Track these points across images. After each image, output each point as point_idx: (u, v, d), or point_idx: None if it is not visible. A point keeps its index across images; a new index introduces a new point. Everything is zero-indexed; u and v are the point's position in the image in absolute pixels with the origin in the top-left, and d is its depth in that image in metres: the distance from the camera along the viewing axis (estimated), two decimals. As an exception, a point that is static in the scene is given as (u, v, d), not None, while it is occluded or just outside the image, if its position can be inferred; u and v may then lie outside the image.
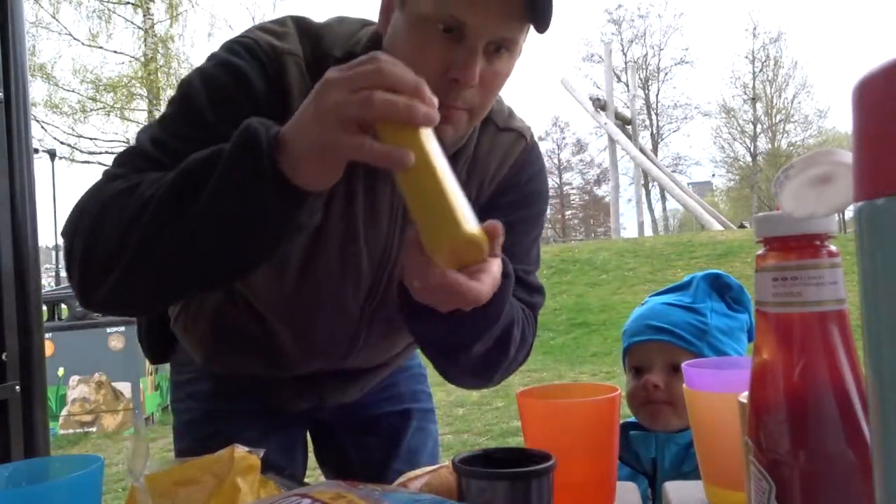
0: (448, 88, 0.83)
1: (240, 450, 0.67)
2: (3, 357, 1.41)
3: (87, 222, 0.80)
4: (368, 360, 1.11)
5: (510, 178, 1.04)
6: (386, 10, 0.89)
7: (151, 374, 6.60)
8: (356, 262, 0.96)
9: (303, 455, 1.24)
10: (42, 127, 18.04)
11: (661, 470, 1.10)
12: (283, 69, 0.87)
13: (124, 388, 6.50)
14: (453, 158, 1.00)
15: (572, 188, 37.87)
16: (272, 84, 0.87)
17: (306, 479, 1.06)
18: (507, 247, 0.94)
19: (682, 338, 1.18)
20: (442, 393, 6.46)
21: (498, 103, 1.03)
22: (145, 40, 19.17)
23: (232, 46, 0.90)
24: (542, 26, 0.84)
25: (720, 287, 1.24)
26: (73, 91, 18.76)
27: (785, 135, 31.31)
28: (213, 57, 0.91)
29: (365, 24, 0.97)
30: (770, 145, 31.25)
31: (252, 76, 0.86)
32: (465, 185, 1.01)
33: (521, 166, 1.05)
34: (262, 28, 0.92)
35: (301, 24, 0.93)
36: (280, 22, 0.93)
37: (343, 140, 0.67)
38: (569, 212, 38.65)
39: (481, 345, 0.89)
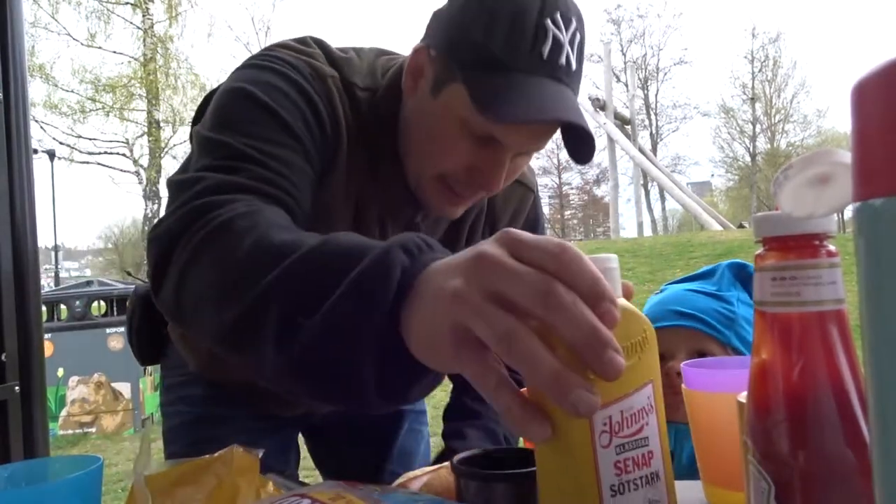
0: (469, 184, 0.84)
1: (239, 450, 0.67)
2: (3, 357, 1.41)
3: (204, 234, 0.65)
4: None
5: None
6: (415, 74, 0.84)
7: (151, 375, 6.59)
8: None
9: (295, 458, 1.24)
10: (41, 127, 18.07)
11: (678, 465, 1.05)
12: (329, 90, 0.83)
13: (124, 388, 6.49)
14: (476, 209, 1.02)
15: (571, 188, 37.88)
16: (324, 104, 0.82)
17: (307, 480, 1.06)
18: None
19: (710, 325, 1.11)
20: (441, 393, 6.46)
21: None
22: (144, 40, 19.18)
23: (267, 63, 0.82)
24: (579, 160, 0.82)
25: (745, 277, 1.19)
26: (72, 91, 18.79)
27: (784, 135, 31.34)
28: (252, 68, 0.83)
29: (381, 53, 0.95)
30: (769, 145, 31.27)
31: (310, 92, 0.81)
32: (479, 231, 1.04)
33: (532, 223, 1.08)
34: (284, 45, 0.86)
35: (324, 48, 0.89)
36: (304, 42, 0.88)
37: (467, 366, 0.44)
38: (568, 212, 38.64)
39: None
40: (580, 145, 0.81)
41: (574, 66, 0.79)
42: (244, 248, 0.60)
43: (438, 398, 1.18)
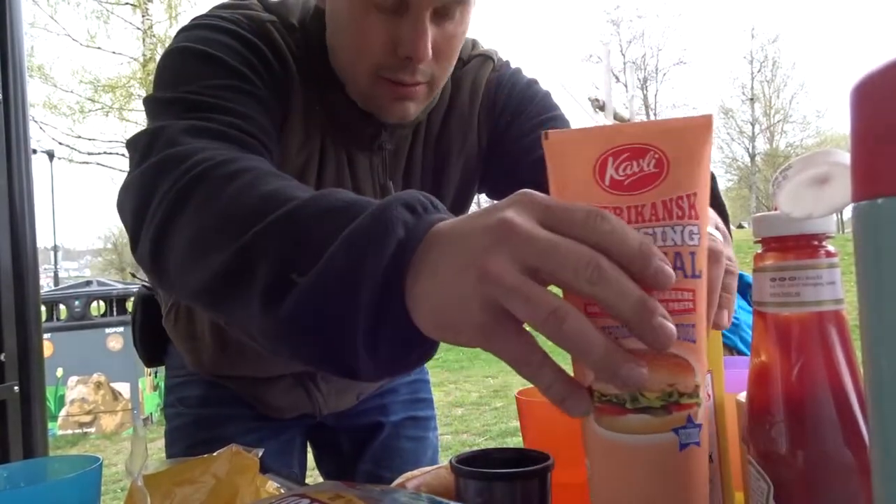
0: (401, 66, 0.78)
1: (238, 449, 0.67)
2: (2, 357, 1.41)
3: (185, 181, 0.60)
4: None
5: (489, 105, 0.96)
6: None
7: (150, 375, 6.59)
8: None
9: (301, 458, 1.22)
10: (40, 127, 18.03)
11: None
12: (271, 35, 0.82)
13: (123, 388, 6.49)
14: (428, 119, 0.95)
15: (571, 188, 37.82)
16: (269, 49, 0.81)
17: (307, 480, 1.06)
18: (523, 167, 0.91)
19: None
20: (440, 393, 6.46)
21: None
22: (144, 41, 19.16)
23: (208, 22, 0.82)
24: None
25: (743, 286, 1.20)
26: (71, 92, 18.76)
27: (783, 135, 31.34)
28: (195, 28, 0.81)
29: None
30: (768, 146, 31.28)
31: (253, 40, 0.80)
32: (451, 140, 0.95)
33: (495, 84, 0.96)
34: (224, 6, 0.86)
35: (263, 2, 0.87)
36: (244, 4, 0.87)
37: (504, 347, 0.41)
38: (567, 212, 38.57)
39: None
40: None
41: None
42: (228, 197, 0.56)
43: (437, 399, 1.17)
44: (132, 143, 0.70)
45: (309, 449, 1.28)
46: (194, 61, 0.77)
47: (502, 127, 0.95)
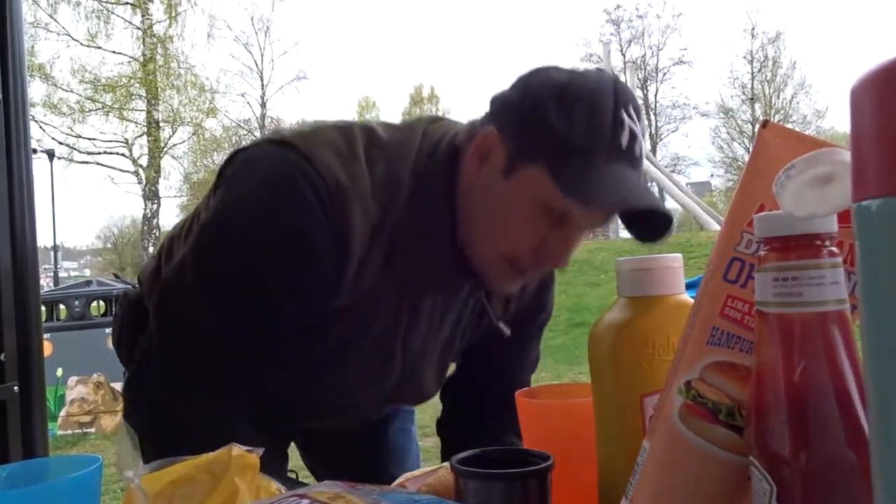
0: (534, 265, 0.86)
1: (238, 449, 0.66)
2: (2, 357, 1.41)
3: (164, 429, 0.84)
4: None
5: (530, 297, 1.08)
6: (482, 155, 0.85)
7: (150, 375, 6.58)
8: (389, 363, 0.96)
9: (284, 457, 1.24)
10: (41, 127, 18.06)
11: None
12: (349, 214, 0.83)
13: (123, 388, 6.48)
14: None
15: (571, 188, 37.85)
16: (336, 228, 0.83)
17: (306, 480, 1.06)
18: (499, 359, 1.10)
19: None
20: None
21: None
22: (144, 40, 19.16)
23: (287, 171, 0.82)
24: (656, 240, 0.85)
25: None
26: (71, 91, 18.78)
27: (783, 135, 31.23)
28: (261, 182, 0.84)
29: (431, 122, 0.94)
30: (769, 145, 31.16)
31: (315, 231, 0.82)
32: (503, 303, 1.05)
33: (540, 284, 1.09)
34: (327, 145, 0.85)
35: (370, 144, 0.88)
36: (350, 141, 0.87)
37: None
38: (568, 212, 38.62)
39: None
40: (657, 226, 0.84)
41: (643, 155, 0.83)
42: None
43: (437, 399, 1.20)
44: (158, 318, 0.90)
45: (301, 456, 1.30)
46: (241, 279, 0.84)
47: (512, 319, 1.06)
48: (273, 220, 0.82)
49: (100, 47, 18.84)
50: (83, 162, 19.68)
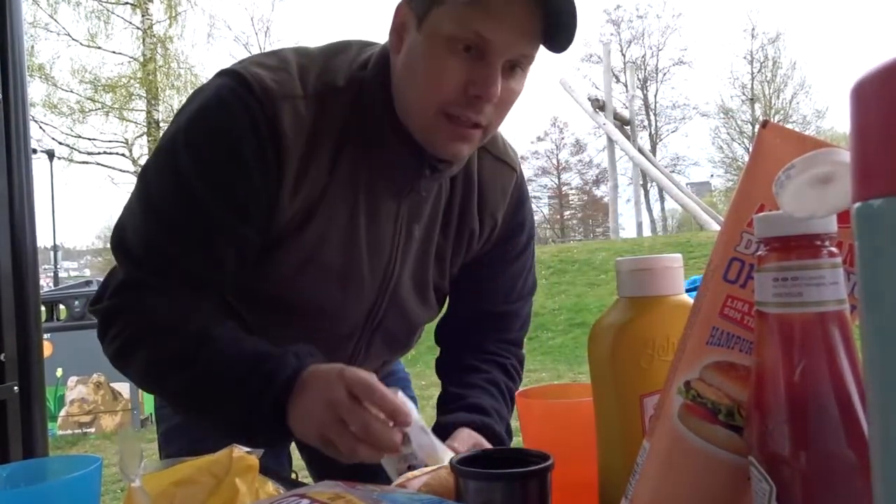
0: (469, 105, 0.87)
1: (238, 450, 0.67)
2: (2, 357, 1.41)
3: (126, 335, 0.92)
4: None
5: (507, 215, 1.10)
6: (399, 30, 0.91)
7: (150, 375, 6.58)
8: (357, 272, 0.97)
9: (288, 459, 1.24)
10: (40, 127, 18.05)
11: None
12: (277, 114, 0.88)
13: (123, 388, 6.49)
14: (465, 184, 1.06)
15: (571, 188, 37.86)
16: (264, 131, 0.88)
17: (305, 480, 1.06)
18: (490, 280, 1.12)
19: None
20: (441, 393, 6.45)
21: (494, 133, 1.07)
22: (144, 40, 19.16)
23: (221, 91, 0.89)
24: (559, 49, 0.88)
25: None
26: (71, 91, 18.77)
27: (783, 135, 31.19)
28: (199, 104, 0.90)
29: (364, 45, 0.99)
30: (769, 146, 31.12)
31: (242, 137, 0.87)
32: (481, 220, 1.08)
33: (516, 202, 1.12)
34: (258, 64, 0.92)
35: (302, 60, 0.94)
36: (281, 58, 0.93)
37: (332, 444, 0.81)
38: (567, 212, 38.64)
39: None
40: (562, 31, 0.86)
41: None
42: (165, 349, 0.89)
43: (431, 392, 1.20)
44: (114, 251, 0.94)
45: (301, 456, 1.29)
46: (179, 188, 0.88)
47: (494, 242, 1.11)
48: (205, 135, 0.88)
49: (100, 47, 18.84)
50: (83, 162, 19.68)
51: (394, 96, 0.93)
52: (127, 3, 19.05)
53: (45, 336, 4.51)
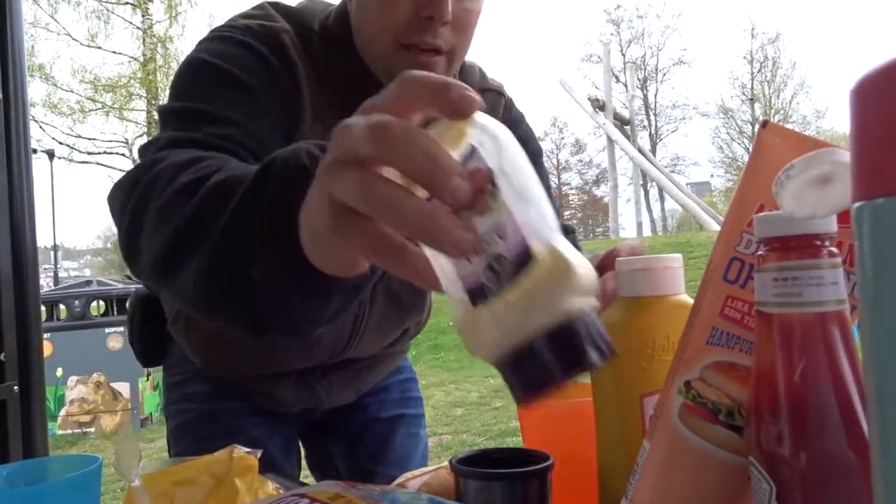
0: (423, 29, 0.83)
1: (238, 450, 0.67)
2: (2, 357, 1.41)
3: (139, 190, 0.68)
4: (367, 349, 1.11)
5: None
6: None
7: (150, 375, 6.59)
8: None
9: (297, 458, 1.25)
10: (41, 127, 18.06)
11: None
12: (283, 45, 0.88)
13: (123, 388, 6.49)
14: None
15: (571, 188, 37.91)
16: (279, 60, 0.87)
17: (305, 480, 1.06)
18: None
19: None
20: (441, 393, 6.46)
21: (469, 65, 1.05)
22: (144, 40, 19.16)
23: (223, 33, 0.88)
24: None
25: None
26: (71, 91, 18.78)
27: (783, 135, 31.19)
28: (210, 40, 0.89)
29: (328, 5, 0.99)
30: (769, 146, 31.12)
31: (264, 51, 0.86)
32: None
33: (511, 124, 1.05)
34: (243, 15, 0.92)
35: (279, 6, 0.95)
36: (259, 6, 0.94)
37: (354, 240, 0.41)
38: (567, 212, 38.65)
39: None
40: None
41: None
42: (179, 184, 0.61)
43: (437, 399, 1.18)
44: (139, 151, 0.79)
45: (305, 455, 1.30)
46: (204, 72, 0.84)
47: None
48: (225, 56, 0.85)
49: (100, 47, 18.85)
50: (83, 162, 19.69)
51: (356, 43, 0.91)
52: (127, 2, 19.05)
53: (45, 336, 4.52)
